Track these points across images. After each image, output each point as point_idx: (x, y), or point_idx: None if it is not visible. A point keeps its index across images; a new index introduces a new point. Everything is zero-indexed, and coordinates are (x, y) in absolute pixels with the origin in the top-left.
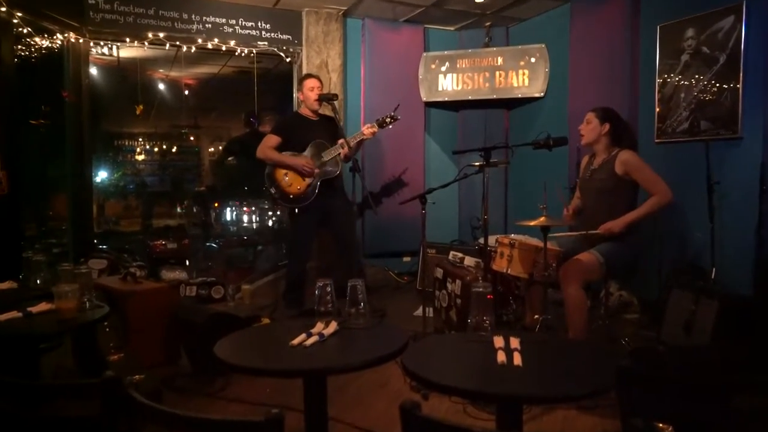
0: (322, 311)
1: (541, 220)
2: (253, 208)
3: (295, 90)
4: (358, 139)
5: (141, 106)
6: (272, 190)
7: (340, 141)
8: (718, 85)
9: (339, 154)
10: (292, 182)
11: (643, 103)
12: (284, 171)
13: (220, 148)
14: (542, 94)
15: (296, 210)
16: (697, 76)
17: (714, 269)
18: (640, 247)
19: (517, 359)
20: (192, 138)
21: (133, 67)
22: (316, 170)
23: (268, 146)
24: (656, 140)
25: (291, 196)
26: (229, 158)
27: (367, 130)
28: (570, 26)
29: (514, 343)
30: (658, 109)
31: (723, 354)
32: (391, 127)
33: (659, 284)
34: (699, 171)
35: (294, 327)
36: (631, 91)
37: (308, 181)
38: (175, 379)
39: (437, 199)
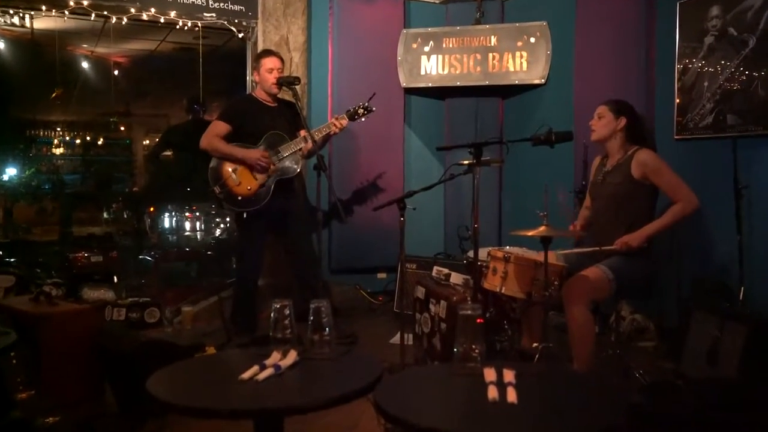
0: (279, 338)
1: (541, 229)
2: (198, 214)
3: (249, 72)
4: (325, 133)
5: (59, 89)
6: (217, 190)
7: (303, 133)
8: (747, 72)
9: (300, 149)
10: (241, 180)
11: (660, 93)
12: (232, 166)
13: (157, 140)
14: (543, 80)
15: (245, 215)
16: (723, 62)
17: (742, 288)
18: (656, 263)
19: (512, 395)
20: (123, 128)
21: (50, 41)
22: (272, 167)
23: (214, 134)
24: (675, 136)
25: (239, 198)
26: (166, 152)
27: (336, 122)
28: (576, 1)
29: (509, 376)
30: (678, 100)
31: (752, 389)
32: (364, 120)
33: (678, 306)
34: (725, 173)
35: (244, 357)
36: (647, 79)
37: (261, 180)
38: (98, 421)
39: (419, 205)
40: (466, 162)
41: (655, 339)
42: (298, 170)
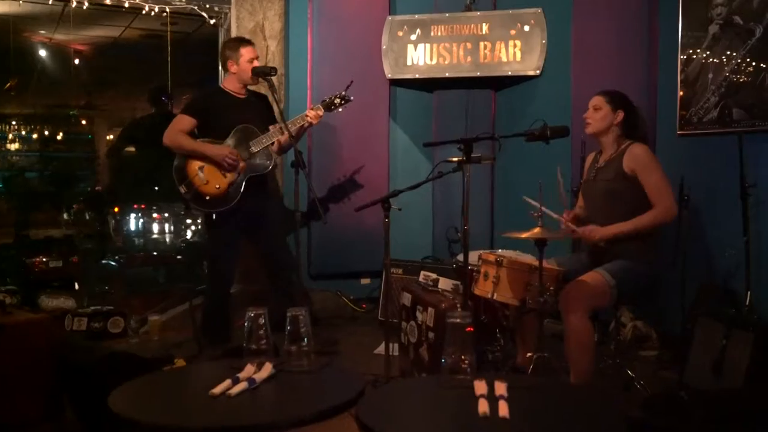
0: (254, 349)
1: (536, 231)
2: (166, 215)
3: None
4: (299, 125)
5: (14, 79)
6: (182, 190)
7: (276, 127)
8: (753, 63)
9: (273, 143)
10: (209, 179)
11: (662, 86)
12: (199, 164)
13: (119, 134)
14: (538, 71)
15: (214, 216)
16: (728, 53)
17: (749, 293)
18: (658, 267)
19: (504, 409)
20: (84, 122)
21: (4, 26)
22: (242, 163)
23: (178, 129)
24: (678, 132)
25: (207, 198)
26: (129, 148)
27: (311, 113)
28: None
29: (500, 388)
30: (681, 93)
31: (760, 401)
32: (341, 110)
33: (682, 313)
34: (731, 171)
35: (216, 371)
36: (649, 70)
37: (230, 178)
38: None
39: (405, 205)
40: (455, 159)
41: (658, 348)
42: (270, 167)
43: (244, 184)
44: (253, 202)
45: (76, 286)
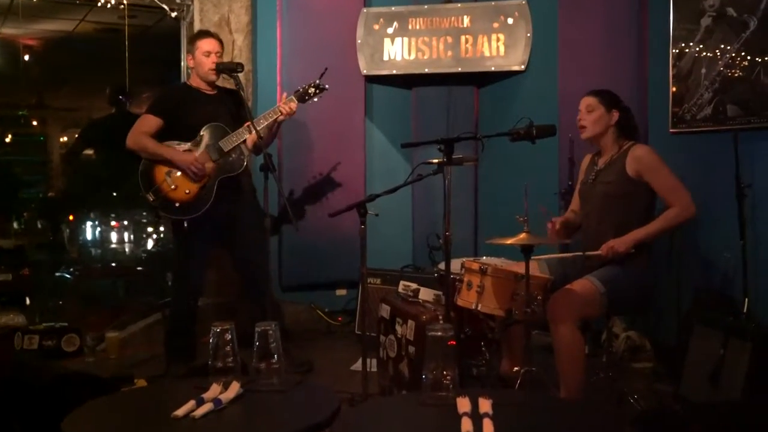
0: (220, 367)
1: (522, 237)
2: (126, 223)
3: (183, 56)
4: (272, 119)
5: None
6: (150, 197)
7: (247, 124)
8: (748, 57)
9: (245, 141)
10: (177, 184)
11: (654, 81)
12: (167, 168)
13: (75, 136)
14: (523, 66)
15: (185, 224)
16: (722, 46)
17: (746, 300)
18: (651, 273)
19: (489, 428)
20: (35, 123)
21: None
22: (210, 167)
23: (143, 131)
24: (671, 129)
25: (177, 205)
26: (87, 150)
27: (283, 105)
28: None
29: (485, 406)
30: (673, 89)
31: (759, 414)
32: (316, 100)
33: (678, 321)
34: (726, 171)
35: (180, 391)
36: (640, 65)
37: (201, 181)
38: None
39: (382, 210)
40: (435, 160)
41: (652, 359)
42: (244, 166)
43: (215, 187)
44: (227, 205)
45: (27, 301)
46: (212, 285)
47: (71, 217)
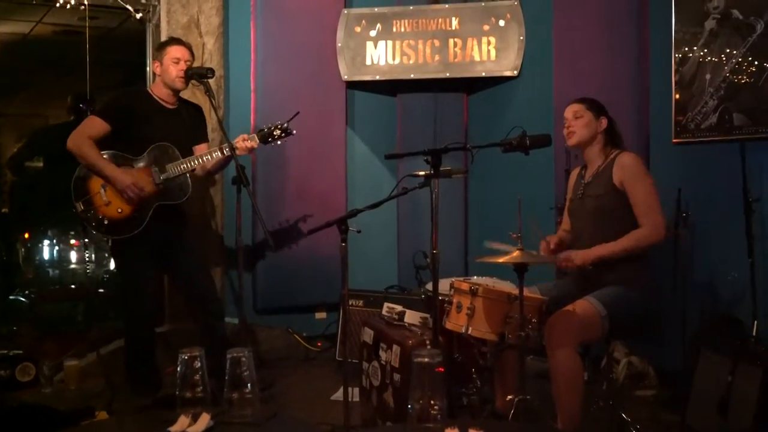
0: (188, 398)
1: (515, 255)
2: (86, 241)
3: (149, 60)
4: (224, 157)
5: None
6: (79, 207)
7: (202, 147)
8: (755, 62)
9: (194, 170)
10: (111, 200)
11: (655, 88)
12: (103, 181)
13: (20, 145)
14: (515, 72)
15: (122, 243)
16: (727, 50)
17: (755, 322)
18: (654, 293)
19: None
20: None
21: None
22: (150, 191)
23: (86, 135)
24: (674, 140)
25: (106, 222)
26: (35, 162)
27: (241, 142)
28: None
29: None
30: (676, 96)
31: None
32: (280, 143)
33: (683, 346)
34: (733, 183)
35: (144, 424)
36: (640, 71)
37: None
38: None
39: (365, 227)
40: (422, 173)
41: (656, 386)
42: (186, 197)
43: (152, 210)
44: (162, 229)
45: None
46: (178, 310)
47: (26, 235)
